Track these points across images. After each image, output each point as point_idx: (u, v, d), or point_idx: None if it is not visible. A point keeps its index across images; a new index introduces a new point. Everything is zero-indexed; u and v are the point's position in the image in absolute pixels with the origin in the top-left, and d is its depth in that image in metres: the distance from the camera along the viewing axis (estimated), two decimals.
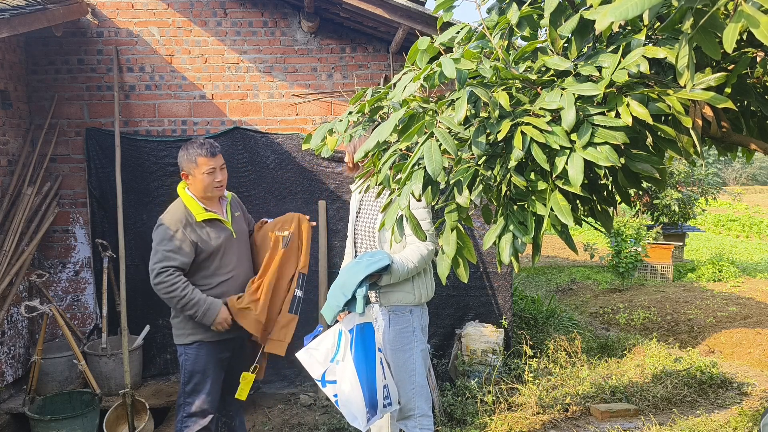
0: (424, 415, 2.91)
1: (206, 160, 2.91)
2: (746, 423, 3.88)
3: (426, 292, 2.91)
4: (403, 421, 2.94)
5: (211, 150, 2.93)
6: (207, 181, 2.93)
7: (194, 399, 2.97)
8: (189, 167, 2.93)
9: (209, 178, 2.93)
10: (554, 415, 4.07)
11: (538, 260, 2.78)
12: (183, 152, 2.96)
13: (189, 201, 2.96)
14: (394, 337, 2.85)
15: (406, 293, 2.85)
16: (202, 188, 2.95)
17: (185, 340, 2.98)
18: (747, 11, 1.17)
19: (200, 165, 2.90)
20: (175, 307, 2.90)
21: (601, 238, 12.34)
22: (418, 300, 2.87)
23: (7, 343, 4.23)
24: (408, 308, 2.87)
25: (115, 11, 4.70)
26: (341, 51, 4.79)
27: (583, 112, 1.49)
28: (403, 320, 2.86)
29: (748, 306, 6.97)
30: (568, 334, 5.34)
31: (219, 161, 2.97)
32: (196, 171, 2.92)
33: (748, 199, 23.64)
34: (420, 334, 2.92)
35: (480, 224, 4.69)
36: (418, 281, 2.87)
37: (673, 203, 10.14)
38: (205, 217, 2.95)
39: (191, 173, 2.94)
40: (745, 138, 1.80)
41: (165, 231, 2.88)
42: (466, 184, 1.64)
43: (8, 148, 4.40)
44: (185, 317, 2.95)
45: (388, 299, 2.84)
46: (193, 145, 2.94)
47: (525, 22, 1.74)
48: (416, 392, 2.88)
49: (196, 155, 2.90)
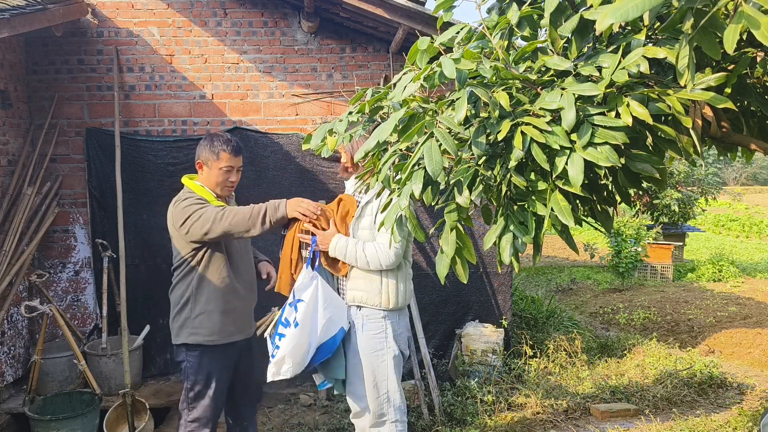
0: (397, 421, 2.89)
1: (228, 157, 2.84)
2: (746, 423, 3.88)
3: (397, 298, 2.85)
4: (375, 428, 2.92)
5: (236, 148, 2.87)
6: (222, 178, 2.87)
7: (197, 404, 2.90)
8: (208, 158, 2.85)
9: (225, 175, 2.87)
10: (554, 415, 4.07)
11: (539, 260, 2.79)
12: (206, 142, 2.87)
13: (200, 189, 2.88)
14: (366, 342, 2.83)
15: (372, 294, 2.82)
16: (214, 183, 2.88)
17: (186, 339, 2.87)
18: (747, 12, 1.17)
19: (221, 159, 2.84)
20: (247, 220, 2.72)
21: (601, 238, 12.34)
22: (386, 304, 2.82)
23: (7, 343, 4.23)
24: (382, 313, 2.84)
25: (115, 11, 4.70)
26: (341, 51, 4.79)
27: (583, 112, 1.49)
28: (377, 325, 2.83)
29: (748, 306, 6.97)
30: (568, 334, 5.34)
31: (239, 162, 2.91)
32: (215, 164, 2.84)
33: (748, 199, 23.66)
34: (393, 340, 2.88)
35: (480, 224, 4.69)
36: (387, 284, 2.83)
37: (673, 203, 10.14)
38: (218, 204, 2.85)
39: (208, 164, 2.86)
40: (745, 138, 1.80)
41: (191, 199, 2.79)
42: (466, 184, 1.64)
43: (8, 148, 4.40)
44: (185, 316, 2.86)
45: (354, 297, 2.83)
46: (220, 138, 2.87)
47: (525, 22, 1.74)
48: (387, 398, 2.87)
49: (221, 149, 2.83)
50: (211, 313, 2.86)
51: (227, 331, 2.90)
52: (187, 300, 2.88)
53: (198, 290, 2.86)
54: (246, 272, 3.04)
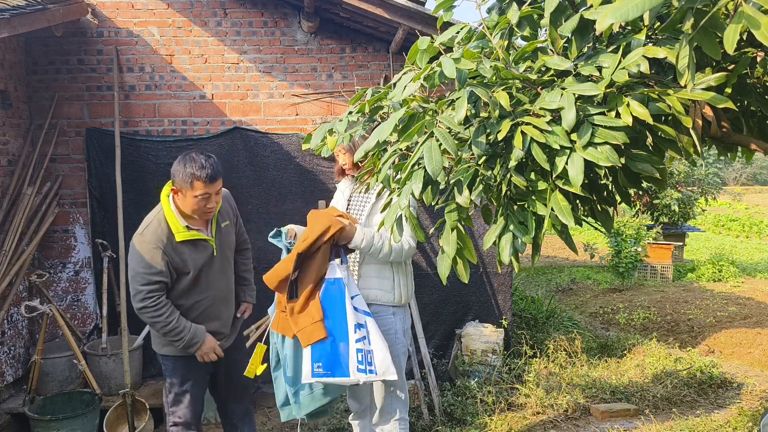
0: (402, 418, 2.91)
1: (202, 186, 2.61)
2: (746, 423, 3.88)
3: (405, 293, 2.89)
4: (380, 425, 2.92)
5: (211, 175, 2.61)
6: (197, 206, 2.66)
7: (176, 409, 2.92)
8: (182, 185, 2.64)
9: (200, 203, 2.65)
10: (554, 415, 4.07)
11: (538, 260, 2.77)
12: (179, 166, 2.64)
13: (170, 216, 2.70)
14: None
15: (386, 292, 2.83)
16: (189, 210, 2.69)
17: (161, 350, 2.88)
18: (747, 12, 1.17)
19: (195, 188, 2.61)
20: (159, 332, 2.72)
21: (601, 238, 12.34)
22: (398, 300, 2.85)
23: (7, 343, 4.23)
24: (391, 309, 2.86)
25: (115, 11, 4.70)
26: (341, 51, 4.79)
27: (583, 112, 1.49)
28: (386, 322, 2.84)
29: (748, 306, 6.97)
30: (568, 334, 5.34)
31: (216, 186, 2.67)
32: (188, 193, 2.63)
33: (748, 199, 23.65)
34: (402, 336, 2.90)
35: (480, 224, 4.69)
36: (399, 281, 2.85)
37: (673, 203, 10.14)
38: (185, 237, 2.69)
39: (182, 192, 2.65)
40: (745, 138, 1.80)
41: (144, 250, 2.65)
42: (466, 184, 1.64)
43: (8, 148, 4.40)
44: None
45: (367, 296, 2.82)
46: (194, 163, 2.61)
47: (525, 22, 1.74)
48: (396, 395, 2.88)
49: (193, 177, 2.59)
50: None
51: None
52: None
53: None
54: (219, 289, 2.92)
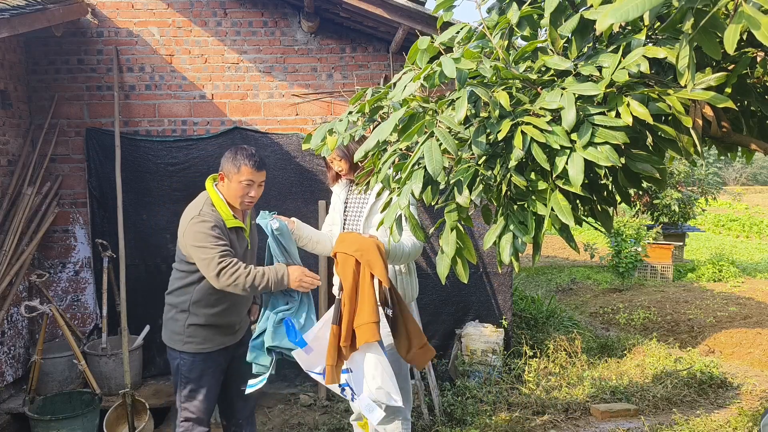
0: (404, 418, 2.91)
1: (249, 171, 2.80)
2: (746, 423, 3.88)
3: (412, 291, 2.92)
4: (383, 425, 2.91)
5: (258, 163, 2.83)
6: (241, 192, 2.83)
7: (189, 405, 2.92)
8: (229, 170, 2.82)
9: (245, 189, 2.83)
10: (554, 415, 4.07)
11: (538, 260, 2.77)
12: (230, 154, 2.85)
13: (219, 203, 2.85)
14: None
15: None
16: (232, 195, 2.85)
17: (181, 348, 2.90)
18: (747, 12, 1.17)
19: (241, 173, 2.80)
20: (247, 286, 2.72)
21: (601, 238, 12.34)
22: (409, 298, 2.87)
23: (7, 343, 4.23)
24: None
25: (115, 11, 4.70)
26: (341, 51, 4.79)
27: (583, 112, 1.49)
28: None
29: (748, 306, 6.97)
30: (568, 334, 5.34)
31: (261, 177, 2.86)
32: (235, 177, 2.81)
33: (748, 199, 23.66)
34: None
35: (480, 224, 4.69)
36: (406, 280, 2.87)
37: (673, 203, 10.15)
38: (234, 224, 2.85)
39: (229, 177, 2.83)
40: (745, 138, 1.80)
41: (207, 226, 2.76)
42: (466, 183, 1.64)
43: (8, 148, 4.40)
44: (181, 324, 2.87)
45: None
46: (244, 151, 2.84)
47: (525, 22, 1.74)
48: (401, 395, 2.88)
49: (242, 163, 2.79)
50: (206, 325, 2.89)
51: (219, 340, 2.93)
52: (183, 309, 2.88)
53: (196, 303, 2.87)
54: None
